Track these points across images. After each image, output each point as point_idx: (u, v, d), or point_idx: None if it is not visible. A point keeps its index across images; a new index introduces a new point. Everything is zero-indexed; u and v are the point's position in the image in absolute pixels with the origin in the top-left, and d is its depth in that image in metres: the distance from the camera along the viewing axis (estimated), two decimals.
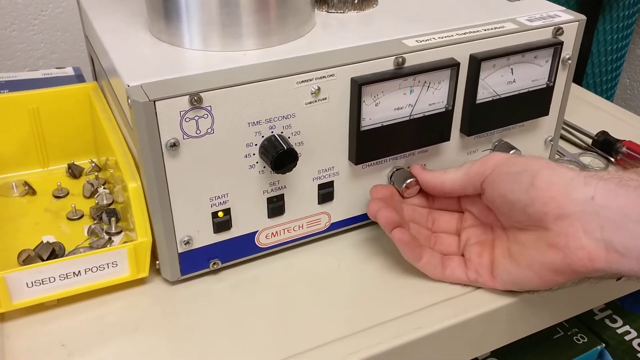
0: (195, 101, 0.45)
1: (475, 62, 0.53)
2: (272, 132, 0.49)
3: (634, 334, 0.68)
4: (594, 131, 0.72)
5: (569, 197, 0.44)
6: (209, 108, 0.45)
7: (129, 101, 0.44)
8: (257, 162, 0.49)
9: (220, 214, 0.50)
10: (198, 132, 0.46)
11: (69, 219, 0.58)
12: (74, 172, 0.64)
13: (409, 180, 0.54)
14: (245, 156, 0.49)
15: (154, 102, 0.44)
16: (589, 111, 0.80)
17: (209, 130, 0.46)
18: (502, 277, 0.50)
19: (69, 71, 0.75)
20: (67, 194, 0.62)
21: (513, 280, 0.49)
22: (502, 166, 0.49)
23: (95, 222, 0.58)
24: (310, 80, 0.48)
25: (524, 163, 0.48)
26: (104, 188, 0.62)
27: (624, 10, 1.05)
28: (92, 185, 0.62)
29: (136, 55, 0.50)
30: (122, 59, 0.49)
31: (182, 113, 0.45)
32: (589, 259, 0.43)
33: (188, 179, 0.47)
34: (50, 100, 0.63)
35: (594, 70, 1.09)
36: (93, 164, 0.65)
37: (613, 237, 0.42)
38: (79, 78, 0.73)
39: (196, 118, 0.45)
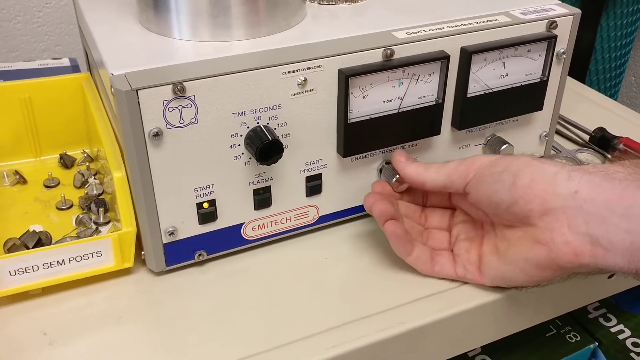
0: (179, 90, 0.44)
1: (466, 55, 0.53)
2: (258, 123, 0.48)
3: (627, 332, 0.67)
4: (593, 128, 0.71)
5: (552, 192, 0.43)
6: (192, 98, 0.45)
7: (112, 89, 0.44)
8: (242, 153, 0.49)
9: (206, 205, 0.50)
10: (182, 121, 0.46)
11: (58, 208, 0.58)
12: (66, 162, 0.64)
13: (398, 175, 0.54)
14: (231, 147, 0.48)
15: (137, 90, 0.43)
16: (589, 108, 0.79)
17: (193, 120, 0.46)
18: (489, 273, 0.49)
19: (65, 62, 0.75)
20: (58, 183, 0.62)
21: (500, 276, 0.49)
22: (485, 168, 0.48)
23: (84, 212, 0.58)
24: (297, 71, 0.48)
25: (505, 163, 0.47)
26: (95, 178, 0.62)
27: (629, 6, 1.03)
28: (83, 175, 0.62)
29: (123, 45, 0.50)
30: (109, 49, 0.49)
31: (165, 102, 0.45)
32: (573, 253, 0.42)
33: (172, 169, 0.47)
34: (43, 89, 0.63)
35: (597, 67, 1.08)
36: (85, 155, 0.65)
37: (598, 231, 0.41)
38: (74, 69, 0.73)
39: (180, 108, 0.45)
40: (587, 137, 0.71)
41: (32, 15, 1.05)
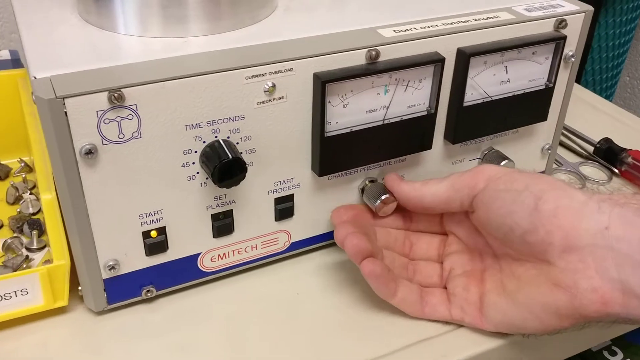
0: (116, 99, 0.36)
1: (464, 58, 0.46)
2: (216, 137, 0.41)
3: None
4: (594, 136, 0.65)
5: (579, 227, 0.36)
6: (133, 107, 0.37)
7: (33, 97, 0.36)
8: (197, 173, 0.41)
9: (154, 234, 0.42)
10: (121, 136, 0.38)
11: None
12: None
13: (384, 196, 0.47)
14: (183, 165, 0.40)
15: (63, 99, 0.35)
16: (589, 113, 0.72)
17: (135, 134, 0.38)
18: (495, 318, 0.42)
19: (5, 54, 0.66)
20: None
21: (507, 322, 0.41)
22: (499, 181, 0.41)
23: (15, 235, 0.49)
24: (263, 75, 0.40)
25: (525, 180, 0.40)
26: (31, 193, 0.53)
27: (628, 3, 0.97)
28: (17, 189, 0.53)
29: (54, 40, 0.42)
30: (34, 45, 0.41)
31: (99, 113, 0.36)
32: (602, 302, 0.36)
33: (111, 192, 0.39)
34: None
35: (594, 67, 1.01)
36: (23, 164, 0.57)
37: (632, 277, 0.35)
38: (14, 63, 0.64)
39: (118, 119, 0.37)
40: (591, 149, 0.64)
41: None
